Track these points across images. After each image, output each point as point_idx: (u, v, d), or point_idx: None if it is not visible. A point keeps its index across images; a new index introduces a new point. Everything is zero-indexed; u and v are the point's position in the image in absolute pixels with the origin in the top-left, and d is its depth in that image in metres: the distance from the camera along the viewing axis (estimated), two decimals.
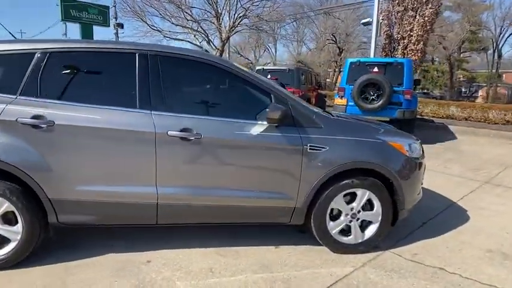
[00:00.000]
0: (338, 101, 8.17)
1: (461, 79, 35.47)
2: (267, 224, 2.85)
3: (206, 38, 15.27)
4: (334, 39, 32.22)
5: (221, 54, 15.17)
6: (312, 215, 2.76)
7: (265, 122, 2.56)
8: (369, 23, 12.63)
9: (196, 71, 2.66)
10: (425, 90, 34.89)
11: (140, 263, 2.62)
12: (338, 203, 2.76)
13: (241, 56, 45.10)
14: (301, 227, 2.95)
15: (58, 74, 2.48)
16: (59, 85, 2.48)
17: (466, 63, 34.10)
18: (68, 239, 2.91)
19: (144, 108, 2.48)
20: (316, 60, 33.89)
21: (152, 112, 2.48)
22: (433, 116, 11.52)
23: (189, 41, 15.83)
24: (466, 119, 10.69)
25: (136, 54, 2.53)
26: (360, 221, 2.84)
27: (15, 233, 2.43)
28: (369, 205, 2.84)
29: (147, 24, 16.38)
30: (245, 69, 2.76)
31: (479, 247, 3.03)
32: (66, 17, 24.40)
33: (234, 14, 14.47)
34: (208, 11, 14.58)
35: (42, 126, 2.36)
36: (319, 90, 13.10)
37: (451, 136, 9.35)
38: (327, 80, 33.30)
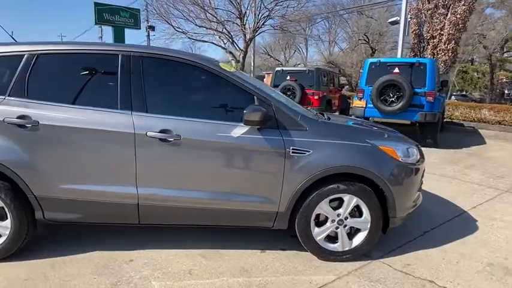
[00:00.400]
0: (357, 102, 7.93)
1: (504, 80, 33.31)
2: (252, 228, 2.79)
3: (230, 39, 15.42)
4: (366, 39, 31.47)
5: (244, 56, 15.25)
6: (296, 220, 2.68)
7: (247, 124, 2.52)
8: (396, 22, 12.17)
9: (178, 71, 2.67)
10: (464, 92, 33.12)
11: (123, 262, 2.66)
12: (323, 208, 2.66)
13: (271, 57, 45.17)
14: (293, 232, 2.87)
15: (44, 75, 2.59)
16: (45, 86, 2.59)
17: (509, 63, 31.97)
18: (62, 234, 3.02)
19: (125, 109, 2.52)
20: (348, 61, 33.20)
21: (132, 113, 2.52)
22: (464, 120, 10.89)
23: (213, 43, 16.06)
24: (500, 123, 10.00)
25: (119, 56, 2.59)
26: (347, 227, 2.72)
27: (5, 228, 2.55)
28: (357, 212, 2.72)
29: (173, 26, 16.82)
30: (229, 70, 2.73)
31: (479, 260, 2.82)
32: (100, 20, 25.62)
33: (258, 15, 14.52)
34: (232, 12, 14.74)
35: (28, 126, 2.46)
36: (342, 92, 12.82)
37: (480, 141, 8.78)
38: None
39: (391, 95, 7.19)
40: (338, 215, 2.69)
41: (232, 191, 2.62)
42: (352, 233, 2.77)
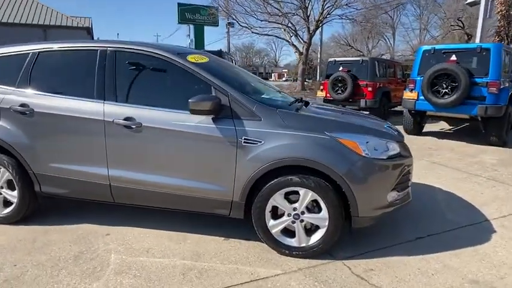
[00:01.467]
0: (407, 94, 7.22)
1: None
2: (214, 215, 2.85)
3: (294, 32, 15.25)
4: (461, 25, 28.01)
5: (308, 48, 14.94)
6: (251, 211, 2.67)
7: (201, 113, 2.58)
8: (476, 3, 10.59)
9: (143, 63, 2.85)
10: None
11: (101, 235, 2.99)
12: (278, 201, 2.59)
13: (352, 47, 43.26)
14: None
15: (41, 69, 3.02)
16: (41, 78, 3.02)
17: None
18: (63, 206, 3.50)
19: (99, 99, 2.81)
20: None
21: (104, 102, 2.79)
22: None
23: (276, 36, 16.07)
24: None
25: (98, 51, 2.88)
26: (304, 223, 2.61)
27: (14, 197, 3.09)
28: (316, 207, 2.58)
29: (238, 22, 17.30)
30: (198, 61, 2.80)
31: (463, 275, 2.43)
32: (182, 19, 27.65)
33: (324, 5, 14.01)
34: (294, 4, 14.52)
35: (27, 112, 2.92)
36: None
37: None
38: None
39: (444, 86, 6.37)
40: (294, 209, 2.59)
41: (188, 178, 2.72)
42: (312, 229, 2.64)
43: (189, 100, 2.48)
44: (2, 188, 3.11)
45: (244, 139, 2.56)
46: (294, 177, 2.52)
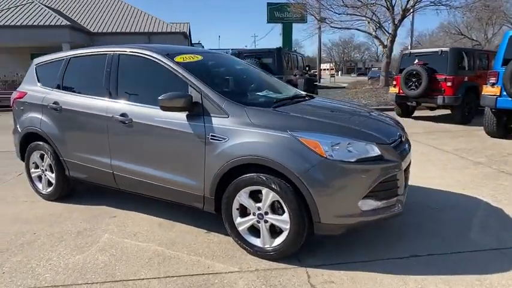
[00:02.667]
0: (487, 89, 6.11)
1: None
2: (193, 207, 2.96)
3: (378, 24, 14.09)
4: None
5: (393, 40, 13.68)
6: (221, 207, 2.71)
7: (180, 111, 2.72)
8: None
9: (138, 64, 3.10)
10: None
11: (108, 216, 3.41)
12: (242, 199, 2.57)
13: (465, 37, 38.03)
14: None
15: (69, 72, 3.57)
16: (69, 80, 3.57)
17: None
18: (94, 190, 4.05)
19: (104, 97, 3.20)
20: None
21: (108, 100, 3.16)
22: None
23: (357, 29, 15.10)
24: None
25: (106, 55, 3.27)
26: (269, 224, 2.53)
27: (53, 178, 3.74)
28: (280, 209, 2.48)
29: (315, 17, 16.80)
30: (177, 60, 2.90)
31: None
32: (271, 18, 28.27)
33: None
34: None
35: (57, 109, 3.50)
36: None
37: None
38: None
39: None
40: (259, 209, 2.54)
41: (168, 171, 2.89)
42: (277, 231, 2.55)
43: (158, 98, 2.65)
44: (46, 170, 3.79)
45: (211, 135, 2.61)
46: (256, 175, 2.47)
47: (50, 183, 3.81)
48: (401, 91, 8.82)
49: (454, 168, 4.79)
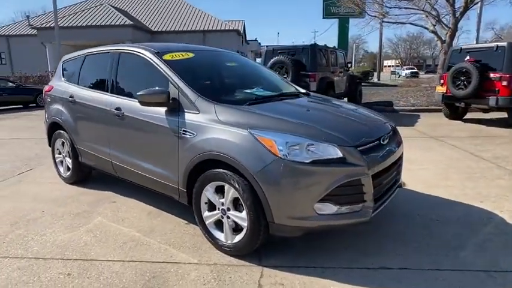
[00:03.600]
0: None
1: None
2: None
3: (436, 17, 12.90)
4: None
5: (452, 35, 12.46)
6: (192, 199, 2.79)
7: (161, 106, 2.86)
8: None
9: (133, 61, 3.27)
10: None
11: (108, 201, 3.70)
12: (208, 193, 2.63)
13: None
14: None
15: (85, 68, 3.92)
16: (83, 75, 3.91)
17: None
18: (108, 178, 4.38)
19: (106, 92, 3.46)
20: None
21: (108, 95, 3.42)
22: None
23: (412, 23, 13.97)
24: None
25: (109, 53, 3.53)
26: (231, 220, 2.56)
27: (70, 164, 4.15)
28: (241, 206, 2.49)
29: (366, 12, 15.92)
30: (165, 58, 3.01)
31: None
32: (327, 14, 27.48)
33: None
34: None
35: (72, 102, 3.87)
36: None
37: None
38: None
39: None
40: (222, 204, 2.58)
41: (150, 162, 3.04)
42: (239, 228, 2.56)
43: (137, 93, 2.80)
44: (65, 156, 4.22)
45: (183, 130, 2.70)
46: (219, 171, 2.50)
47: (68, 168, 4.23)
48: (448, 91, 8.09)
49: (482, 177, 4.31)
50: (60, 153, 4.33)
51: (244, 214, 2.44)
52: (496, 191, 3.84)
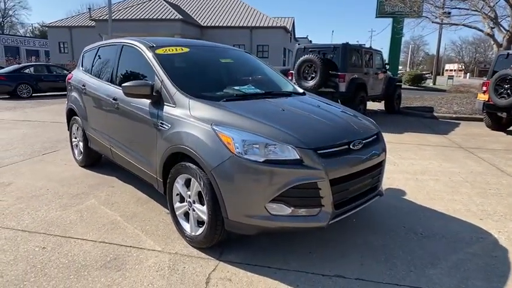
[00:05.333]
0: None
1: None
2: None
3: (494, 19, 11.75)
4: None
5: (511, 39, 11.30)
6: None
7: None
8: None
9: (131, 54, 3.43)
10: None
11: (107, 186, 3.94)
12: (178, 185, 2.71)
13: None
14: None
15: (97, 59, 4.18)
16: (95, 66, 4.18)
17: None
18: (115, 165, 4.66)
19: (110, 82, 3.68)
20: None
21: (111, 85, 3.64)
22: None
23: (465, 25, 12.81)
24: None
25: (115, 46, 3.75)
26: (196, 213, 2.62)
27: (83, 148, 4.48)
28: (203, 199, 2.54)
29: (415, 11, 14.91)
30: (157, 52, 3.13)
31: None
32: (380, 13, 26.31)
33: None
34: None
35: (83, 90, 4.17)
36: None
37: None
38: None
39: None
40: (189, 197, 2.65)
41: (137, 151, 3.20)
42: (203, 221, 2.61)
43: (122, 85, 2.95)
44: (79, 141, 4.56)
45: (160, 122, 2.81)
46: (186, 165, 2.57)
47: (81, 152, 4.57)
48: (490, 99, 7.41)
49: (495, 194, 3.93)
50: (76, 138, 4.69)
51: (205, 208, 2.49)
52: (505, 210, 3.49)
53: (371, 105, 11.71)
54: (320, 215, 2.30)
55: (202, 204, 2.53)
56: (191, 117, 2.60)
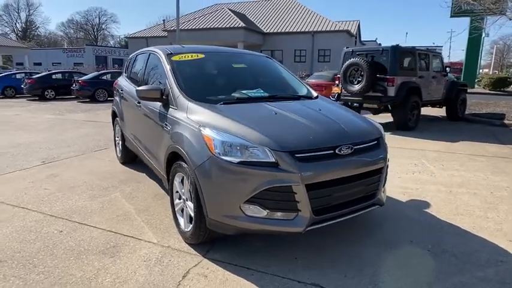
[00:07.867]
0: None
1: None
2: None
3: None
4: None
5: None
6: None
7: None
8: None
9: (153, 60, 3.71)
10: None
11: (136, 181, 4.29)
12: (177, 183, 2.87)
13: None
14: None
15: (133, 66, 4.59)
16: (131, 71, 4.59)
17: None
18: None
19: (138, 87, 4.03)
20: None
21: (137, 88, 3.98)
22: None
23: None
24: None
25: (145, 53, 4.09)
26: (187, 209, 2.75)
27: (121, 146, 4.94)
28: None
29: (489, 8, 13.19)
30: (173, 59, 3.35)
31: None
32: (456, 12, 24.06)
33: None
34: None
35: (122, 93, 4.61)
36: None
37: None
38: None
39: None
40: (183, 193, 2.79)
41: (152, 148, 3.46)
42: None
43: (136, 89, 3.22)
44: (119, 140, 5.04)
45: (165, 124, 3.01)
46: (179, 164, 2.72)
47: (120, 150, 5.05)
48: None
49: None
50: (117, 137, 5.19)
51: (193, 205, 2.60)
52: None
53: (430, 111, 10.82)
54: (296, 220, 2.26)
55: (192, 202, 2.65)
56: (187, 119, 2.74)
